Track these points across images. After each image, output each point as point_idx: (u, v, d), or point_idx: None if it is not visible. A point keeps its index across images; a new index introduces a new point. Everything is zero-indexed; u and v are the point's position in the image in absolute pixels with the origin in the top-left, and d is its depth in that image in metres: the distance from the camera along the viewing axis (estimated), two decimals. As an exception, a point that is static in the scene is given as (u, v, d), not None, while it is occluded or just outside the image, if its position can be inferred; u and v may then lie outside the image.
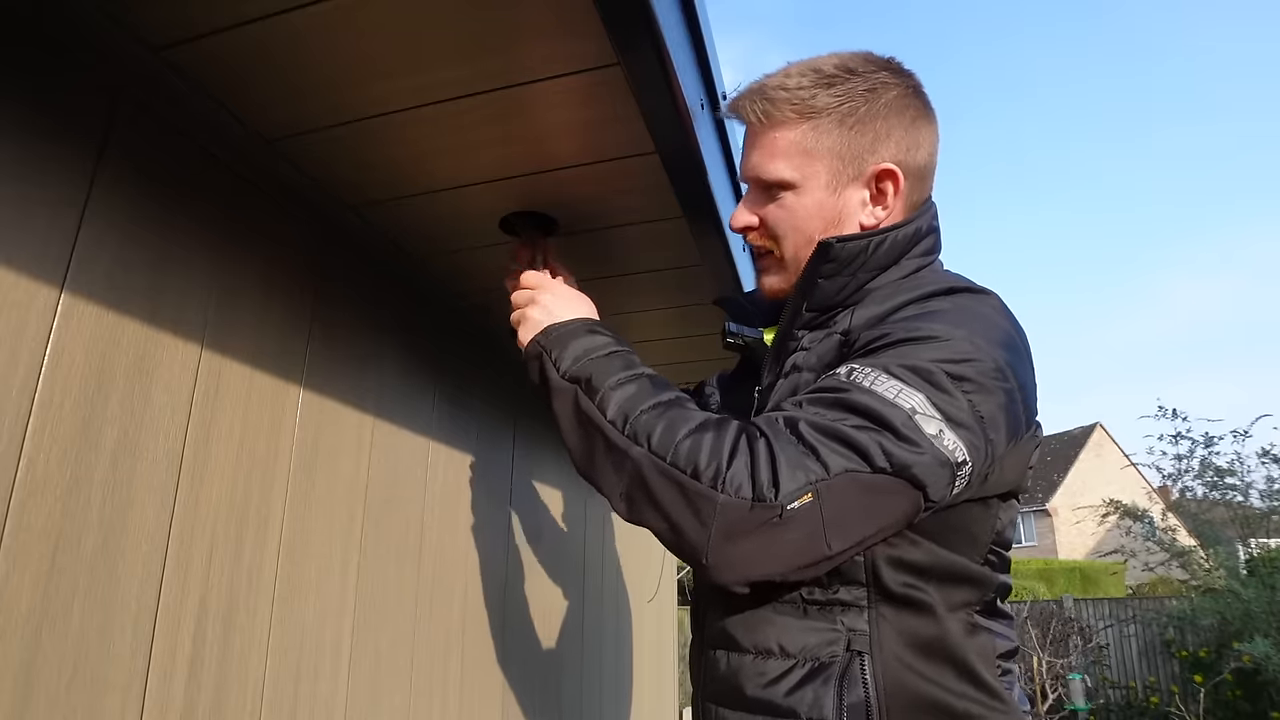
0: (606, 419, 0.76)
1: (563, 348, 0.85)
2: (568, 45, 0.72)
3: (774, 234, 0.89)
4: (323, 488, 0.99)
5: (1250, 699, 6.94)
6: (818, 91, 0.84)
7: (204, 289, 0.82)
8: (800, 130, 0.84)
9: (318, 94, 0.79)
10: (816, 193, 0.86)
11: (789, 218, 0.87)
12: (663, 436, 0.72)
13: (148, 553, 0.73)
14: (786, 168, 0.85)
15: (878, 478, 0.66)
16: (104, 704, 0.67)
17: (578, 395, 0.80)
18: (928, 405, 0.68)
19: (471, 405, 1.43)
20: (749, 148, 0.89)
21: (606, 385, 0.79)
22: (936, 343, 0.72)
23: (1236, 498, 8.18)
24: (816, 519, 0.65)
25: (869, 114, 0.84)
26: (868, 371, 0.71)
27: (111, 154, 0.72)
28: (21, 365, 0.62)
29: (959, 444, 0.68)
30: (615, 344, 0.86)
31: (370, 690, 1.06)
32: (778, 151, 0.85)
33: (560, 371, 0.83)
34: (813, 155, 0.85)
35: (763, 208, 0.89)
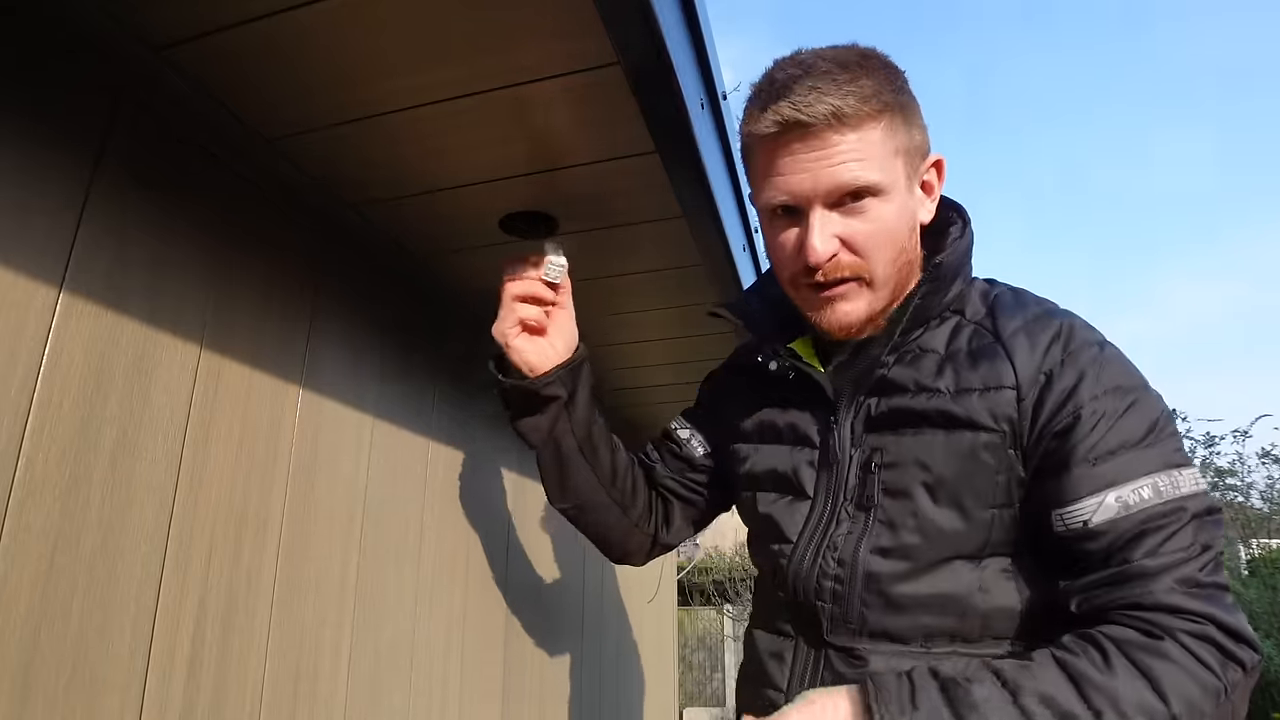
0: None
1: None
2: (568, 44, 0.72)
3: (863, 251, 0.77)
4: (322, 488, 0.99)
5: (1251, 699, 6.93)
6: (878, 84, 0.75)
7: (203, 288, 0.82)
8: (881, 128, 0.75)
9: (318, 93, 0.79)
10: (899, 195, 0.77)
11: (882, 230, 0.76)
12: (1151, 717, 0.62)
13: (147, 553, 0.73)
14: (877, 171, 0.75)
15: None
16: (103, 704, 0.67)
17: None
18: (1189, 466, 0.73)
19: (471, 405, 1.43)
20: (808, 157, 0.75)
21: None
22: (1142, 404, 0.75)
23: (1237, 498, 8.18)
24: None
25: (911, 103, 0.79)
26: (1171, 475, 0.72)
27: (111, 154, 0.72)
28: (20, 365, 0.62)
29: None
30: (931, 696, 0.66)
31: (370, 690, 1.06)
32: (866, 155, 0.74)
33: None
34: (896, 154, 0.76)
35: (845, 226, 0.76)
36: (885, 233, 0.77)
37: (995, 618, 0.75)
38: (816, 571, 0.81)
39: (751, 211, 1.30)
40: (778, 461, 0.89)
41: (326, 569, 0.99)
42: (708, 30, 0.87)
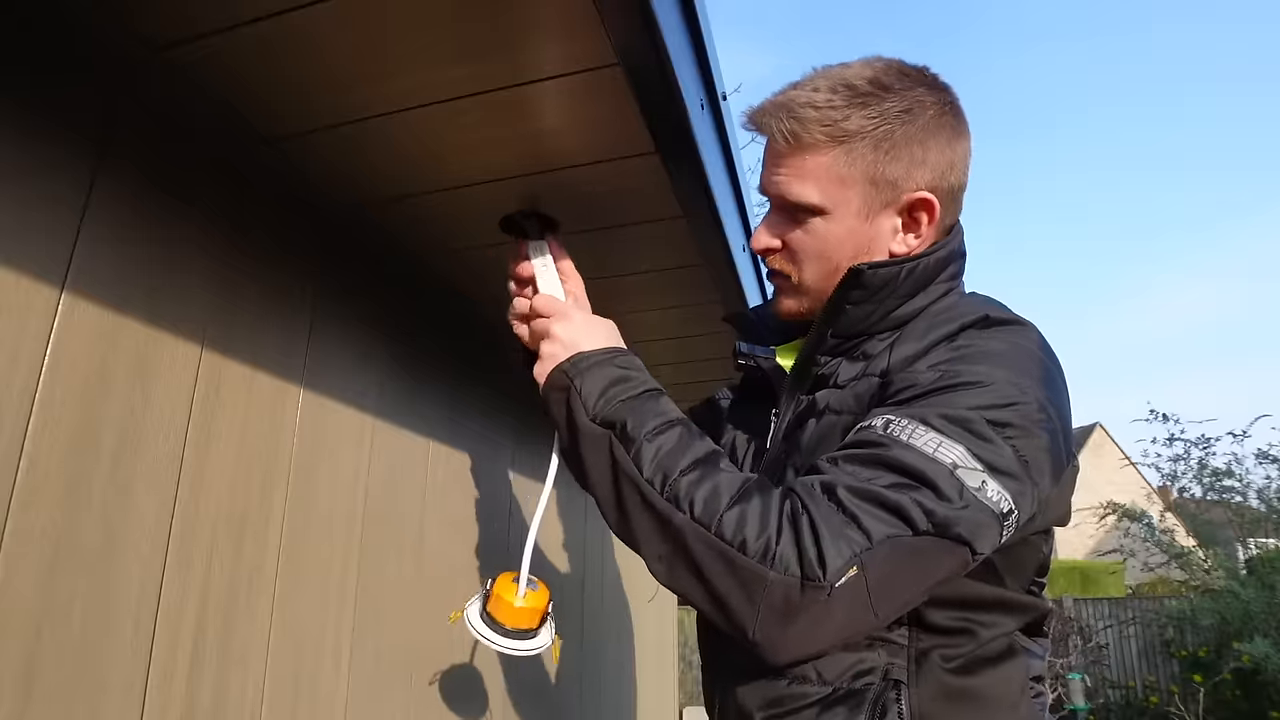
0: (644, 476, 0.70)
1: (591, 383, 0.77)
2: (568, 45, 0.72)
3: (796, 259, 0.84)
4: (323, 488, 0.99)
5: (1249, 699, 6.94)
6: (850, 112, 0.78)
7: (204, 289, 0.82)
8: (832, 155, 0.79)
9: (319, 94, 0.79)
10: (847, 220, 0.81)
11: (816, 245, 0.82)
12: (707, 503, 0.67)
13: (148, 553, 0.73)
14: (816, 193, 0.80)
15: (921, 540, 0.64)
16: (104, 703, 0.67)
17: (612, 443, 0.73)
18: (969, 457, 0.66)
19: (471, 405, 1.43)
20: (772, 164, 0.83)
21: (642, 435, 0.72)
22: (978, 388, 0.69)
23: (1235, 498, 8.19)
24: (862, 590, 0.63)
25: (905, 138, 0.78)
26: (905, 424, 0.68)
27: (112, 154, 0.72)
28: (22, 366, 0.62)
29: (1004, 494, 0.66)
30: (647, 380, 0.79)
31: (370, 690, 1.06)
32: (806, 174, 0.80)
33: (590, 413, 0.75)
34: (845, 182, 0.79)
35: (787, 231, 0.84)
36: (817, 248, 0.83)
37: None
38: None
39: (751, 211, 1.31)
40: (737, 448, 0.96)
41: (327, 569, 0.99)
42: (708, 30, 0.87)
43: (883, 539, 0.63)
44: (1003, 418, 0.68)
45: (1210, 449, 8.23)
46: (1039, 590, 0.80)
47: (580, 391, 0.77)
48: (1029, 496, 0.68)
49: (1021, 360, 0.72)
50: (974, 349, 0.73)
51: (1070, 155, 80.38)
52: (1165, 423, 8.45)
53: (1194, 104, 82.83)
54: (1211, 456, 8.22)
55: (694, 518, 0.67)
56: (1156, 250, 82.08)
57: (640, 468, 0.71)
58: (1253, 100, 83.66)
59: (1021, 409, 0.68)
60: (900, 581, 0.65)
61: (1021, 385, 0.70)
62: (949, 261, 0.83)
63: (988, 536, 0.66)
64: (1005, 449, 0.67)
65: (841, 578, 0.62)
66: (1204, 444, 8.25)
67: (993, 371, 0.70)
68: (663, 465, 0.70)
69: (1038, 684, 0.78)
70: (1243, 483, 8.11)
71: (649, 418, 0.74)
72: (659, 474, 0.70)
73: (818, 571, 0.62)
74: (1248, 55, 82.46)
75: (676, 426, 0.74)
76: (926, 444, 0.66)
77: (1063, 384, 0.75)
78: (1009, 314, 0.79)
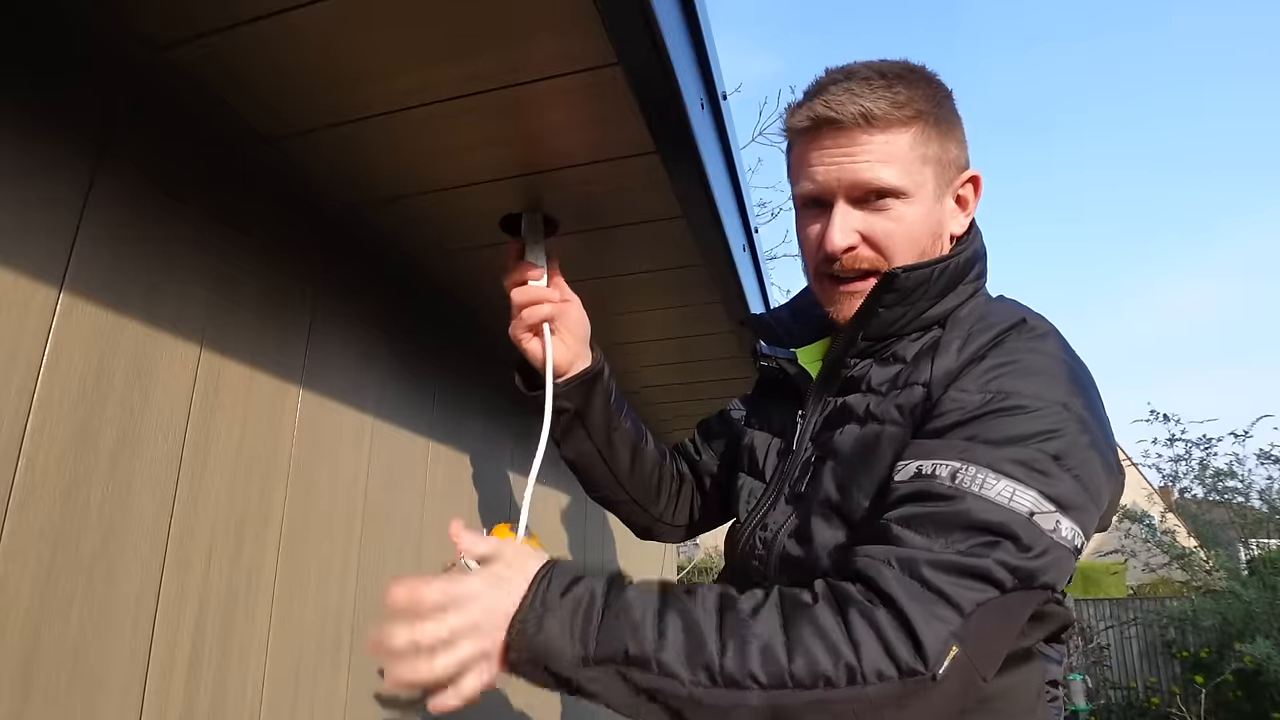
0: (688, 684, 0.61)
1: (555, 635, 0.63)
2: (568, 45, 0.72)
3: (884, 249, 0.81)
4: (323, 487, 0.99)
5: (1251, 700, 6.93)
6: (912, 93, 0.79)
7: (203, 289, 0.82)
8: (910, 134, 0.79)
9: (318, 94, 0.79)
10: (926, 201, 0.81)
11: (904, 230, 0.80)
12: (766, 667, 0.61)
13: (147, 552, 0.73)
14: (901, 174, 0.79)
15: (1009, 598, 0.63)
16: (103, 703, 0.67)
17: (626, 677, 0.63)
18: (1042, 500, 0.65)
19: (471, 405, 1.43)
20: (842, 153, 0.79)
21: (651, 650, 0.62)
22: (1028, 414, 0.69)
23: (1237, 499, 8.18)
24: (967, 664, 0.61)
25: (951, 118, 0.82)
26: (974, 472, 0.66)
27: (111, 154, 0.72)
28: (20, 365, 0.62)
29: (1075, 529, 0.67)
30: (590, 585, 0.66)
31: (369, 690, 1.06)
32: (890, 157, 0.78)
33: (577, 663, 0.63)
34: (924, 161, 0.80)
35: (865, 222, 0.80)
36: (905, 233, 0.80)
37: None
38: (747, 549, 0.87)
39: (751, 211, 1.31)
40: (757, 447, 0.96)
41: (327, 569, 0.99)
42: (708, 30, 0.87)
43: (974, 608, 0.62)
44: (1059, 448, 0.68)
45: (1212, 449, 8.23)
46: (1062, 599, 0.79)
47: (549, 653, 0.63)
48: (1093, 519, 0.70)
49: (1065, 376, 0.73)
50: (1016, 365, 0.73)
51: (1068, 155, 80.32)
52: (1166, 423, 8.45)
53: (1193, 101, 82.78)
54: (1213, 457, 8.22)
55: (767, 688, 0.61)
56: (1157, 250, 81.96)
57: (679, 679, 0.62)
58: (1251, 96, 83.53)
59: (1073, 433, 0.69)
60: (998, 640, 0.65)
61: (1070, 406, 0.70)
62: (975, 260, 0.85)
63: (1066, 573, 0.67)
64: (1069, 482, 0.67)
65: (944, 662, 0.60)
66: (1205, 444, 8.24)
67: (1039, 390, 0.70)
68: (695, 660, 0.62)
69: (1053, 688, 0.78)
70: (1244, 483, 8.10)
71: (642, 626, 0.64)
72: (702, 671, 0.62)
73: (916, 665, 0.59)
74: (1246, 51, 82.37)
75: (670, 612, 0.65)
76: (1000, 494, 0.65)
77: (1097, 394, 0.76)
78: (1044, 322, 0.80)
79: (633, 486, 1.09)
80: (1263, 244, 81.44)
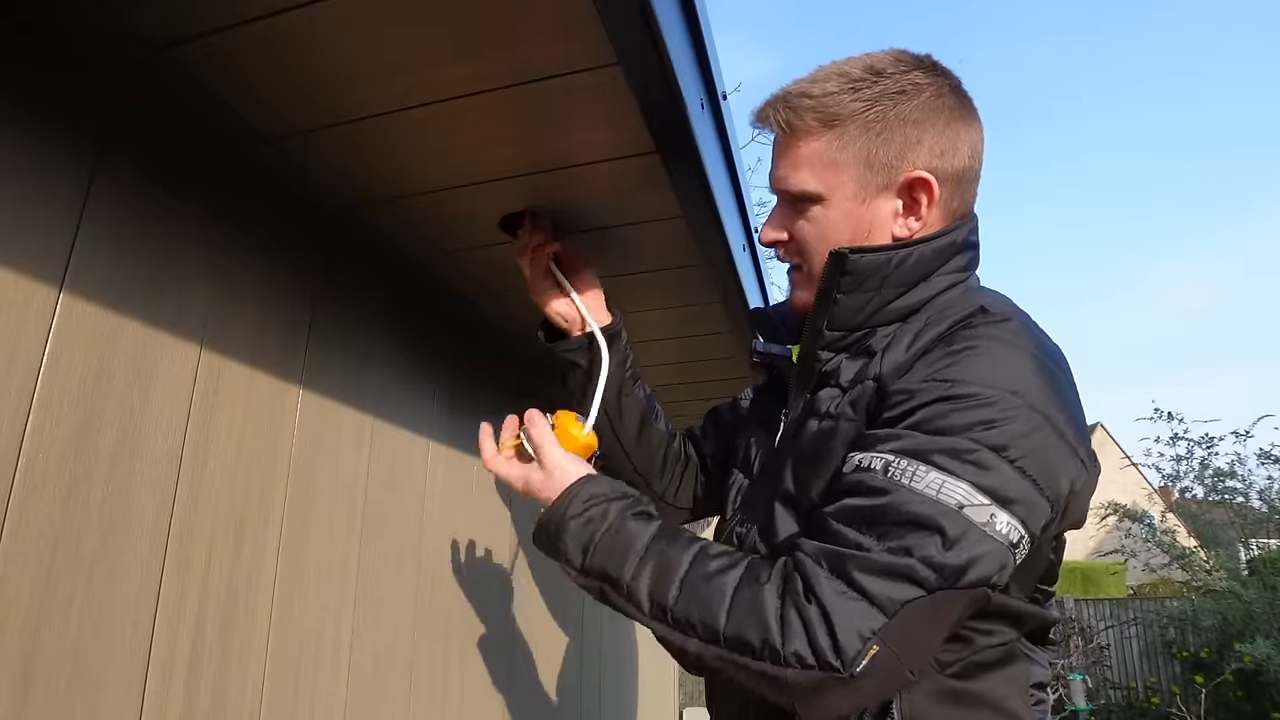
0: (647, 615, 0.73)
1: (566, 540, 0.79)
2: (568, 45, 0.72)
3: (803, 249, 0.85)
4: (322, 487, 0.99)
5: (1251, 700, 6.93)
6: (843, 97, 0.80)
7: (203, 288, 0.82)
8: (824, 140, 0.80)
9: (317, 94, 0.79)
10: (843, 204, 0.82)
11: (816, 231, 0.83)
12: (705, 623, 0.68)
13: (147, 553, 0.73)
14: (810, 179, 0.82)
15: (936, 597, 0.64)
16: (103, 703, 0.67)
17: (605, 593, 0.76)
18: (974, 493, 0.65)
19: (471, 405, 1.43)
20: (775, 158, 0.86)
21: (628, 579, 0.74)
22: (973, 402, 0.67)
23: (1237, 499, 8.18)
24: (890, 659, 0.63)
25: (898, 118, 0.79)
26: (905, 465, 0.67)
27: (110, 153, 0.72)
28: (20, 365, 0.62)
29: (1013, 523, 0.65)
30: (611, 507, 0.79)
31: (370, 690, 1.06)
32: (801, 162, 0.82)
33: (577, 567, 0.78)
34: (838, 165, 0.81)
35: (791, 222, 0.85)
36: (818, 234, 0.83)
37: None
38: (727, 541, 0.89)
39: (751, 211, 1.31)
40: (750, 449, 0.96)
41: (326, 569, 0.99)
42: (708, 30, 0.87)
43: (898, 608, 0.63)
44: (1004, 438, 0.66)
45: (1213, 449, 8.22)
46: (1044, 599, 0.79)
47: (562, 553, 0.80)
48: (1042, 512, 0.67)
49: (1018, 361, 0.71)
50: (967, 353, 0.71)
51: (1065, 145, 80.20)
52: (1170, 421, 8.44)
53: (1190, 96, 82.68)
54: (1214, 457, 8.21)
55: (702, 639, 0.69)
56: (1150, 238, 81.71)
57: (641, 608, 0.73)
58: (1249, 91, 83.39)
59: (1021, 422, 0.67)
60: (924, 637, 0.65)
61: (1021, 392, 0.68)
62: (953, 251, 0.82)
63: (1004, 571, 0.66)
64: (1008, 473, 0.65)
65: (862, 661, 0.62)
66: (1206, 444, 8.24)
67: (989, 378, 0.69)
68: (656, 599, 0.72)
69: (1039, 691, 0.77)
70: (1245, 483, 8.09)
71: (625, 555, 0.75)
72: (657, 609, 0.72)
73: (833, 661, 0.63)
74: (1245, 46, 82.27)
75: (652, 552, 0.74)
76: (929, 486, 0.65)
77: (1066, 380, 0.73)
78: (1006, 308, 0.77)
79: (638, 458, 1.10)
80: (1263, 242, 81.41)
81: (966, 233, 0.83)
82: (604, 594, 0.77)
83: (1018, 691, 0.75)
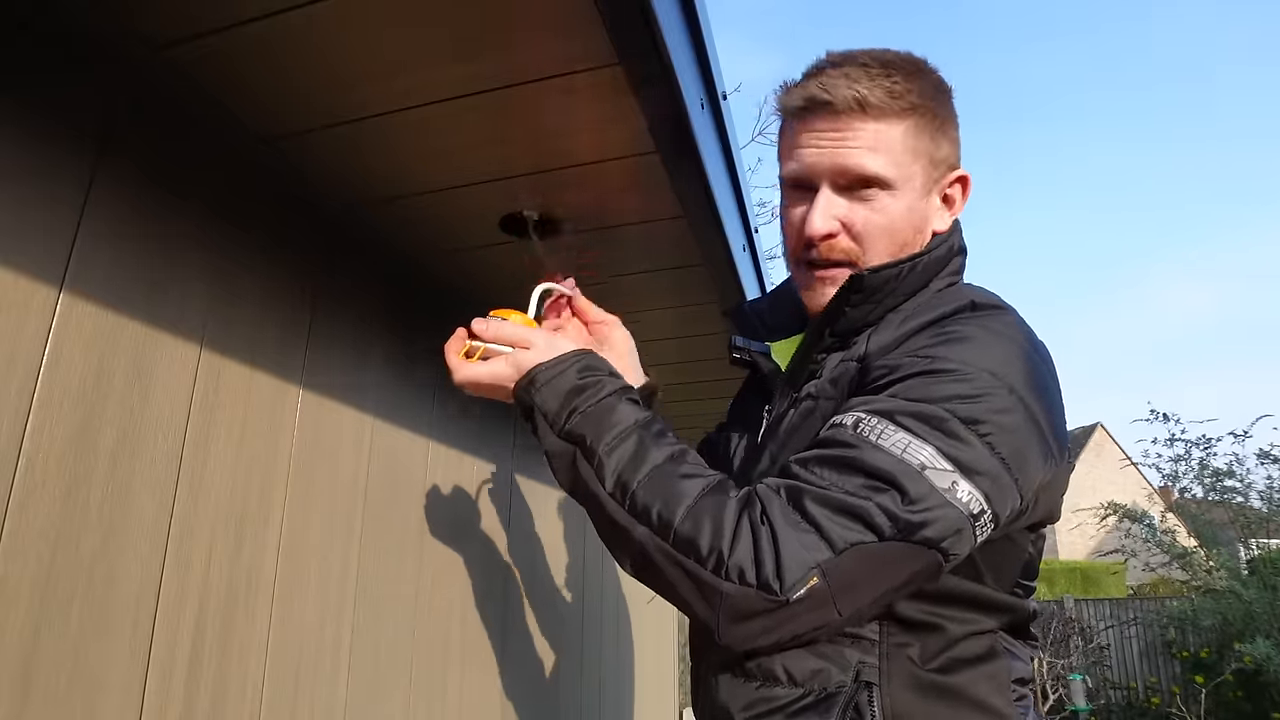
0: (606, 491, 0.71)
1: (550, 399, 0.76)
2: (568, 45, 0.72)
3: (863, 240, 0.79)
4: (322, 487, 0.99)
5: (1251, 700, 6.93)
6: (911, 85, 0.77)
7: (203, 288, 0.82)
8: (904, 126, 0.77)
9: (317, 94, 0.79)
10: (909, 196, 0.79)
11: (885, 222, 0.79)
12: (662, 515, 0.68)
13: (147, 552, 0.73)
14: (889, 165, 0.77)
15: (887, 546, 0.64)
16: (103, 703, 0.67)
17: (576, 459, 0.74)
18: (938, 457, 0.65)
19: (471, 405, 1.43)
20: (833, 137, 0.78)
21: (601, 448, 0.72)
22: (954, 377, 0.68)
23: (1236, 499, 8.18)
24: (826, 596, 0.63)
25: (947, 115, 0.80)
26: (875, 423, 0.67)
27: (110, 154, 0.72)
28: (20, 365, 0.62)
29: (975, 494, 0.65)
30: (606, 384, 0.77)
31: (370, 690, 1.06)
32: (880, 146, 0.77)
33: (555, 429, 0.76)
34: (914, 155, 0.78)
35: (848, 210, 0.79)
36: (886, 225, 0.79)
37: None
38: None
39: (752, 211, 1.31)
40: (732, 443, 0.95)
41: (326, 568, 0.99)
42: (708, 30, 0.87)
43: (846, 547, 0.63)
44: (977, 413, 0.66)
45: (1211, 449, 8.23)
46: (1024, 592, 0.78)
47: (542, 409, 0.77)
48: (1009, 493, 0.67)
49: (1003, 348, 0.71)
50: (955, 333, 0.72)
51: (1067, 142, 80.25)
52: (1166, 423, 8.45)
53: (1188, 92, 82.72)
54: (1212, 457, 8.22)
55: (653, 530, 0.68)
56: (1150, 238, 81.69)
57: (603, 482, 0.72)
58: (1248, 85, 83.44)
59: (995, 401, 0.67)
60: (867, 585, 0.65)
61: (1001, 375, 0.68)
62: (950, 258, 0.83)
63: (960, 539, 0.65)
64: (978, 447, 0.66)
65: (800, 589, 0.63)
66: (1205, 444, 8.25)
67: (972, 359, 0.69)
68: (622, 478, 0.71)
69: (1020, 686, 0.76)
70: (1244, 483, 8.10)
71: (607, 430, 0.73)
72: (619, 488, 0.71)
73: (773, 584, 0.63)
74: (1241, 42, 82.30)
75: (634, 434, 0.73)
76: (895, 444, 0.66)
77: (1049, 373, 0.74)
78: (995, 299, 0.78)
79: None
80: (1261, 242, 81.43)
81: (960, 238, 0.85)
82: (572, 461, 0.74)
83: (999, 687, 0.74)
